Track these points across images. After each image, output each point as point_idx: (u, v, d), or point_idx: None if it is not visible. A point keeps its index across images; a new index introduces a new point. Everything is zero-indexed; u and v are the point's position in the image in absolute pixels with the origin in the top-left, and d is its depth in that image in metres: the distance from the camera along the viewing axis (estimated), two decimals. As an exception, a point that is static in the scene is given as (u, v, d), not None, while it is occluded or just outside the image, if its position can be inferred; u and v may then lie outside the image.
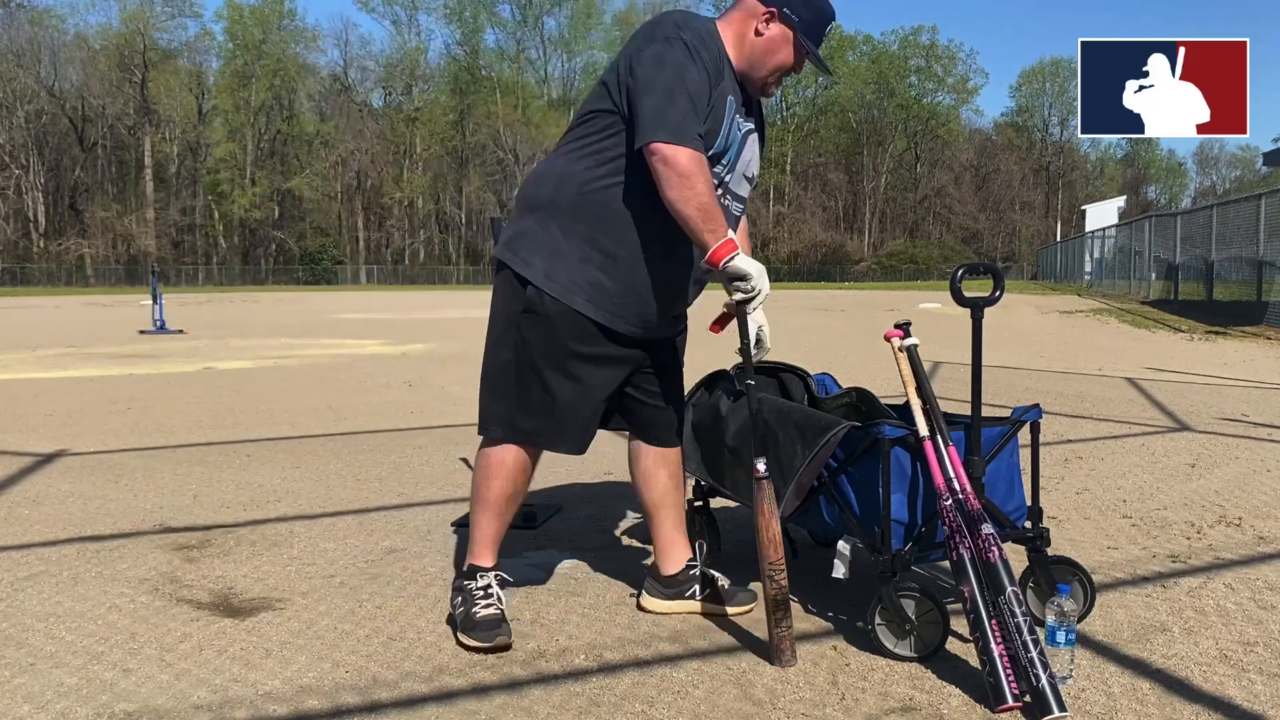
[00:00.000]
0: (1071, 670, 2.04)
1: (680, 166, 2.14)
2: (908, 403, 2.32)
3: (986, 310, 2.38)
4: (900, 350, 2.42)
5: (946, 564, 2.19)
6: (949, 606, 2.23)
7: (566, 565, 2.93)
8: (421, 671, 2.16)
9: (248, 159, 66.50)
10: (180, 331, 14.84)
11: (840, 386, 2.97)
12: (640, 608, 2.54)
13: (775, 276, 66.84)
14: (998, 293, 2.41)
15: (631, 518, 3.48)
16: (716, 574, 2.55)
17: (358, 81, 73.06)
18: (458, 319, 18.09)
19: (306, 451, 4.85)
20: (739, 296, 2.19)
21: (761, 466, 2.23)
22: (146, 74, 64.14)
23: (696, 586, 2.51)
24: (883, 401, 2.73)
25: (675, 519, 2.57)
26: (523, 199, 2.44)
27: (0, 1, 61.14)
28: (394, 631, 2.40)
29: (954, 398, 5.91)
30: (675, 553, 2.54)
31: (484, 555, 2.43)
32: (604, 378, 2.38)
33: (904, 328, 2.45)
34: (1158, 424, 5.54)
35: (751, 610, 2.49)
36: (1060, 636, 2.01)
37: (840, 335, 13.01)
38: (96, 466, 4.47)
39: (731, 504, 3.07)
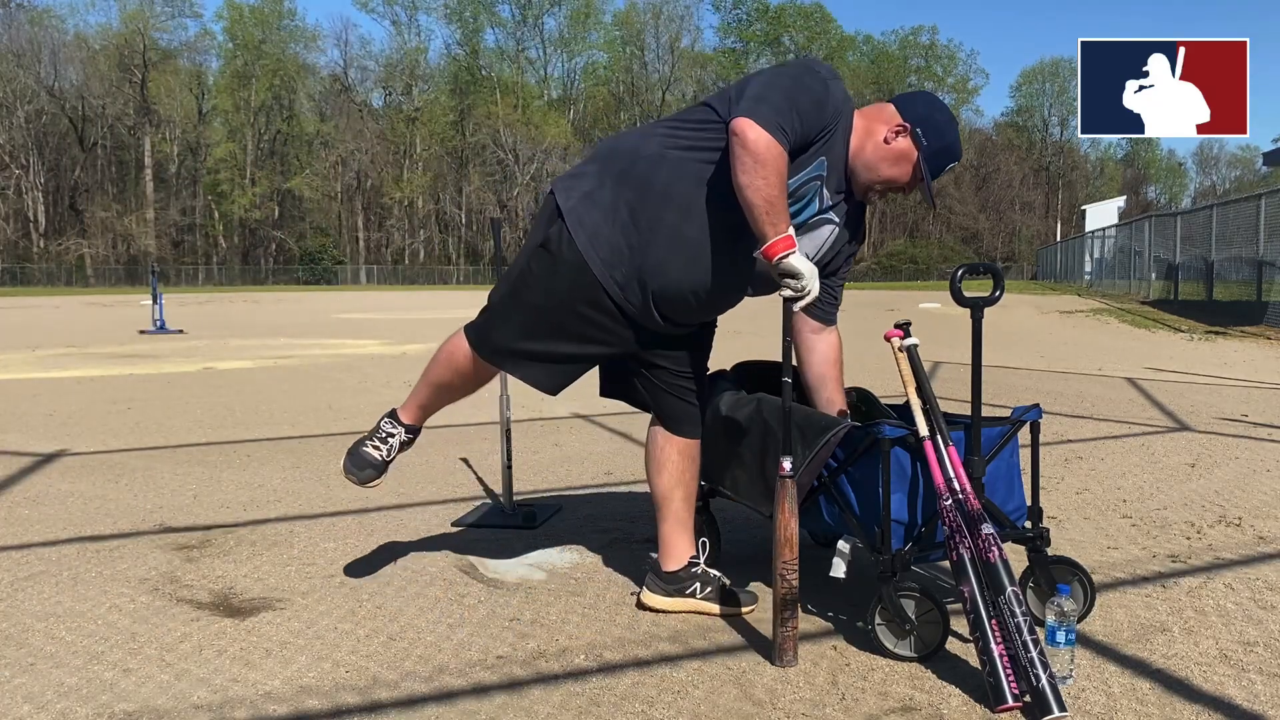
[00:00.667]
0: (1071, 670, 2.04)
1: (759, 151, 2.11)
2: (908, 403, 2.32)
3: (986, 310, 2.38)
4: (900, 350, 2.43)
5: (946, 564, 2.19)
6: (949, 606, 2.23)
7: (566, 565, 2.93)
8: (421, 671, 2.16)
9: (248, 159, 66.52)
10: (180, 331, 14.84)
11: (840, 386, 2.96)
12: (640, 604, 2.54)
13: (775, 276, 66.99)
14: (998, 293, 2.41)
15: (632, 518, 3.48)
16: (718, 574, 2.54)
17: (358, 81, 73.11)
18: (458, 319, 18.06)
19: (306, 451, 4.85)
20: (788, 294, 2.19)
21: (787, 465, 2.20)
22: (146, 74, 64.16)
23: (697, 585, 2.50)
24: (883, 401, 2.73)
25: (681, 514, 2.55)
26: (598, 154, 2.45)
27: (1, 2, 61.12)
28: (394, 631, 2.40)
29: (954, 398, 5.91)
30: (678, 549, 2.53)
31: (408, 413, 2.61)
32: (593, 343, 2.39)
33: (904, 328, 2.45)
34: (1158, 424, 5.54)
35: (752, 611, 2.49)
36: (1060, 636, 2.01)
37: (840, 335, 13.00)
38: (96, 466, 4.47)
39: (731, 504, 3.07)
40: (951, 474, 2.22)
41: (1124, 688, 2.04)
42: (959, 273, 2.42)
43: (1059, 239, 55.63)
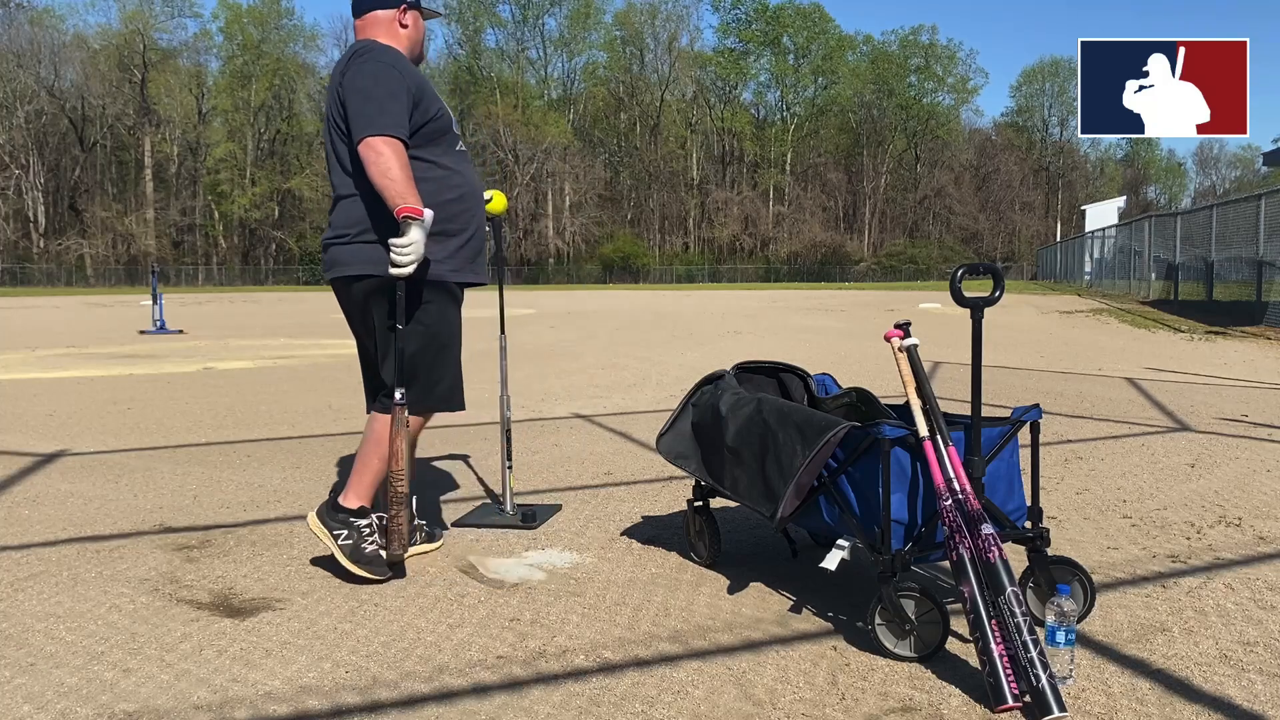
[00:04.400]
0: (1071, 670, 2.04)
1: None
2: (908, 403, 2.33)
3: (986, 310, 2.38)
4: (900, 350, 2.43)
5: (946, 564, 2.19)
6: (949, 606, 2.23)
7: (566, 565, 2.93)
8: (422, 671, 2.16)
9: (248, 159, 66.50)
10: (180, 331, 14.84)
11: (840, 386, 2.97)
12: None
13: (775, 276, 67.03)
14: (998, 293, 2.41)
15: (631, 518, 3.48)
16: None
17: (358, 81, 72.97)
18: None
19: (306, 451, 4.85)
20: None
21: (399, 395, 2.70)
22: (146, 74, 64.15)
23: (418, 535, 2.95)
24: (883, 401, 2.73)
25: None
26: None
27: (1, 2, 61.12)
28: (394, 631, 2.40)
29: (954, 398, 5.91)
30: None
31: (370, 498, 2.83)
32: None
33: (904, 328, 2.45)
34: (1158, 424, 5.54)
35: (441, 547, 2.99)
36: (1060, 636, 2.01)
37: (840, 335, 13.01)
38: (96, 466, 4.47)
39: (731, 504, 3.08)
40: (951, 474, 2.22)
41: (1124, 688, 2.04)
42: (959, 273, 2.42)
43: (1059, 239, 55.64)
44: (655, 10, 73.30)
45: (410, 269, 2.61)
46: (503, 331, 3.71)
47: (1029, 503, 2.45)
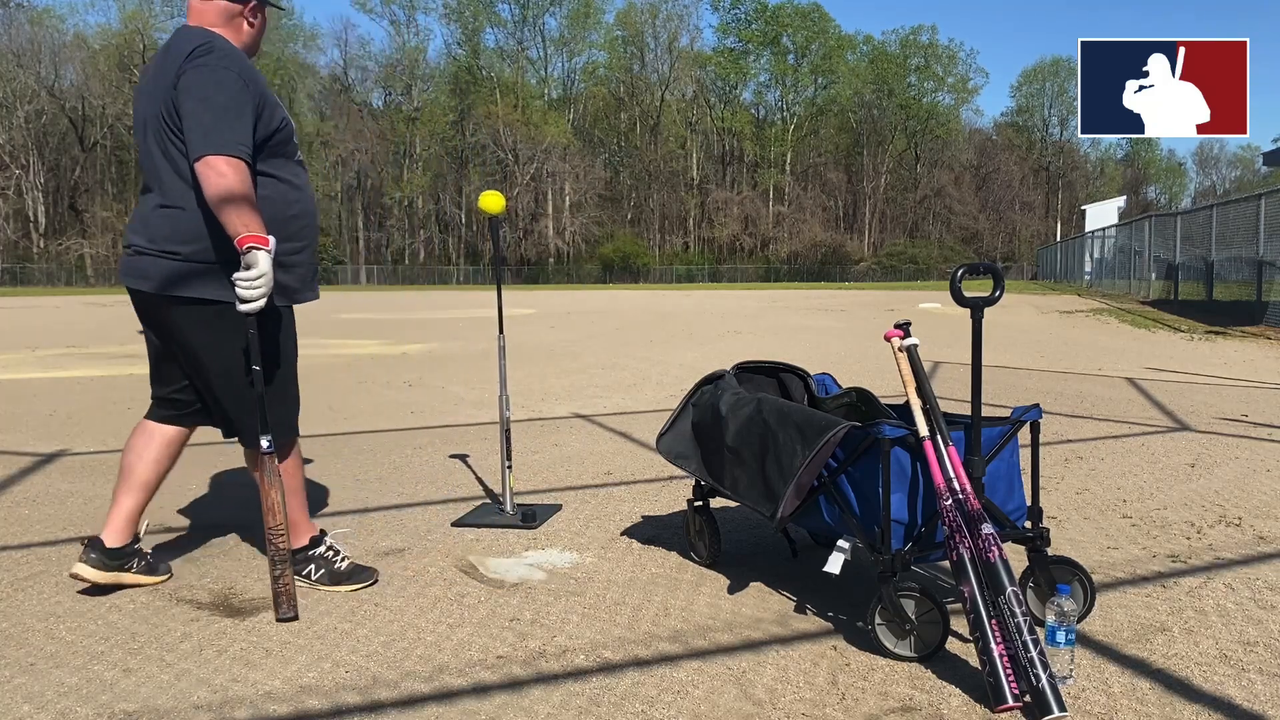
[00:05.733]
0: (1071, 670, 2.04)
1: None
2: (908, 403, 2.33)
3: (986, 310, 2.39)
4: (900, 350, 2.43)
5: (946, 564, 2.19)
6: (949, 606, 2.23)
7: (566, 565, 2.93)
8: (422, 671, 2.16)
9: (248, 159, 66.44)
10: (180, 331, 14.81)
11: (840, 386, 2.97)
12: (75, 576, 2.62)
13: (775, 276, 67.02)
14: (998, 293, 2.41)
15: (631, 518, 3.48)
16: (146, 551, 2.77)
17: (357, 81, 73.07)
18: (458, 319, 18.09)
19: (307, 451, 4.82)
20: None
21: (265, 443, 2.51)
22: (146, 74, 64.09)
23: (135, 560, 2.73)
24: (883, 401, 2.73)
25: (147, 501, 2.77)
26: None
27: (1, 2, 61.12)
28: (394, 631, 2.40)
29: (954, 398, 5.91)
30: (130, 529, 2.72)
31: (308, 524, 2.78)
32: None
33: (904, 328, 2.45)
34: (1158, 424, 5.54)
35: (168, 580, 2.78)
36: (1060, 636, 2.01)
37: (840, 335, 13.01)
38: (96, 466, 4.47)
39: (731, 504, 3.08)
40: (951, 474, 2.22)
41: (1124, 688, 2.04)
42: (959, 273, 2.42)
43: (1059, 239, 55.64)
44: (655, 10, 73.33)
45: (261, 303, 2.39)
46: (501, 331, 3.71)
47: (1029, 503, 2.45)
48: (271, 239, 2.42)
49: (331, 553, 2.76)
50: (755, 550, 3.08)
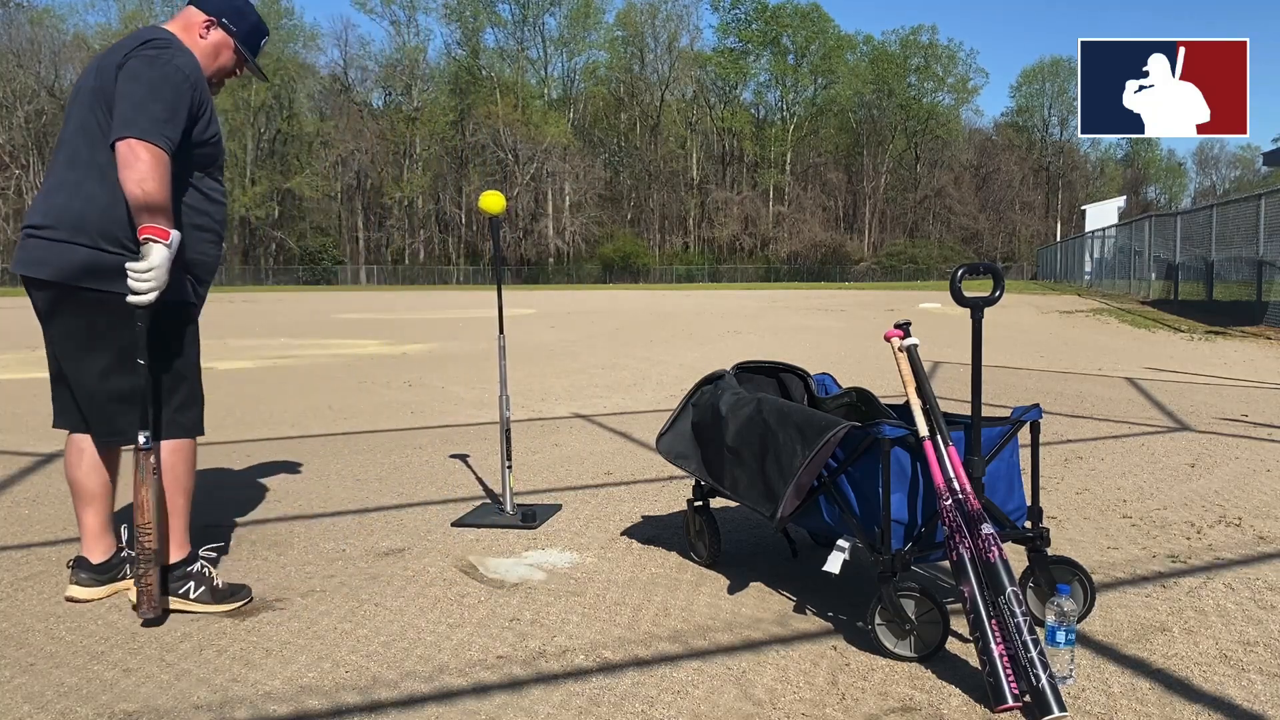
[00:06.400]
0: (1071, 670, 2.04)
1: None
2: (908, 403, 2.33)
3: (986, 310, 2.39)
4: (900, 350, 2.43)
5: (946, 564, 2.19)
6: (949, 606, 2.23)
7: (566, 565, 2.93)
8: (422, 671, 2.16)
9: (248, 158, 66.46)
10: (180, 331, 14.81)
11: (840, 386, 2.97)
12: (70, 599, 2.60)
13: (775, 276, 67.03)
14: (998, 293, 2.41)
15: (631, 518, 3.48)
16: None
17: (357, 81, 73.05)
18: (458, 319, 18.09)
19: (306, 451, 4.85)
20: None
21: (142, 439, 2.43)
22: (146, 74, 64.07)
23: (127, 567, 2.65)
24: (883, 401, 2.73)
25: (110, 508, 2.71)
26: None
27: (1, 2, 61.14)
28: (394, 631, 2.40)
29: (954, 398, 5.91)
30: (107, 540, 2.68)
31: (186, 541, 2.62)
32: None
33: (904, 328, 2.45)
34: (1158, 424, 5.54)
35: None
36: (1060, 636, 2.01)
37: (840, 335, 13.01)
38: (96, 466, 4.47)
39: (731, 504, 3.08)
40: (951, 474, 2.22)
41: (1124, 688, 2.04)
42: (959, 273, 2.42)
43: (1059, 239, 55.65)
44: (655, 10, 73.31)
45: (151, 297, 2.34)
46: (502, 331, 3.71)
47: (1029, 503, 2.45)
48: (175, 233, 2.38)
49: (206, 569, 2.61)
50: (755, 550, 3.08)
